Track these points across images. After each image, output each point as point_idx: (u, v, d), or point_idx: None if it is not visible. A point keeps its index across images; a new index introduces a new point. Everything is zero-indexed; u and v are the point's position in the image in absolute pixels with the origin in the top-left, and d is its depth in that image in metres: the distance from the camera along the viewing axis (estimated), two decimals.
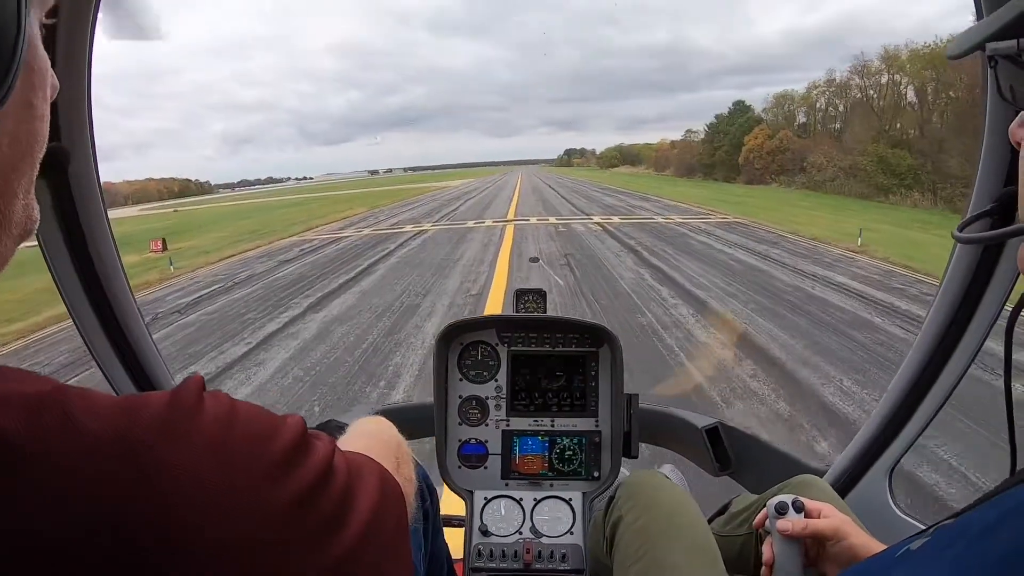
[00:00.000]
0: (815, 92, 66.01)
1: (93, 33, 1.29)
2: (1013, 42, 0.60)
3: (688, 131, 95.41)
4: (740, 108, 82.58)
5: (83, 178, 1.42)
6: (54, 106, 1.26)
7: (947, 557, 0.54)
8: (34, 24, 0.53)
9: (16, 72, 0.49)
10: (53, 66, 1.21)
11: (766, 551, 1.19)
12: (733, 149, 72.36)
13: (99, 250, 1.51)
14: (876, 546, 1.11)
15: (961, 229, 0.77)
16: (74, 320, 1.58)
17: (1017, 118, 0.65)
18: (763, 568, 1.19)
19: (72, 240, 1.46)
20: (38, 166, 0.56)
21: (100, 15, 1.30)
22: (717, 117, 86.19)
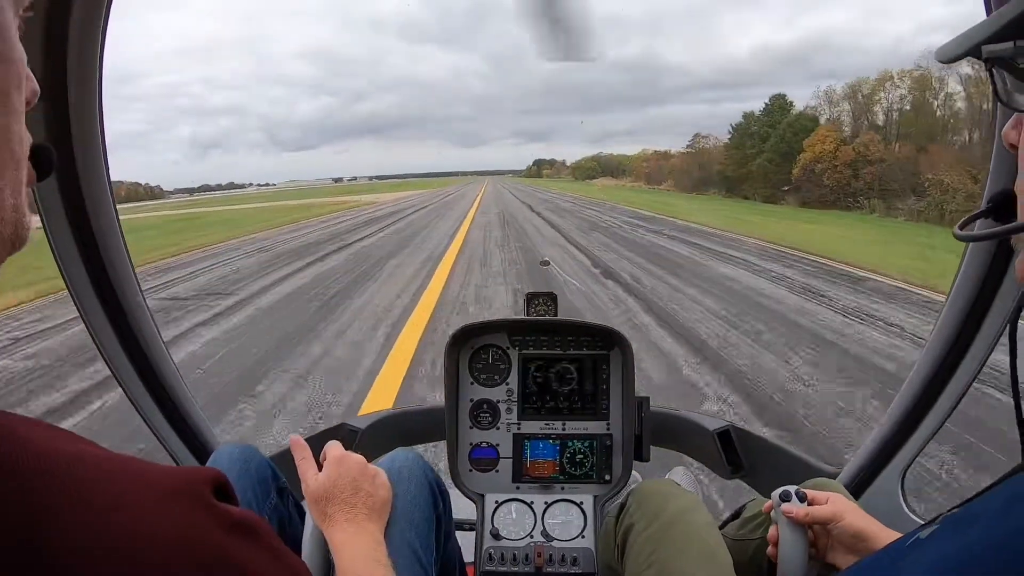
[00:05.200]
0: (889, 83, 46.22)
1: (104, 36, 1.26)
2: (1009, 44, 0.58)
3: (697, 135, 73.94)
4: (780, 105, 57.42)
5: (94, 180, 1.37)
6: (64, 108, 1.24)
7: (955, 543, 0.53)
8: (8, 13, 0.49)
9: None
10: (64, 70, 1.20)
11: (771, 534, 1.21)
12: (780, 158, 51.55)
13: (110, 251, 1.46)
14: (874, 525, 1.13)
15: (961, 228, 0.75)
16: (85, 322, 1.51)
17: (1010, 121, 0.64)
18: (769, 547, 1.22)
19: (82, 236, 1.41)
20: (24, 169, 0.52)
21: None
22: (746, 116, 61.85)
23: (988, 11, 1.04)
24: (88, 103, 1.29)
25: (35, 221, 1.30)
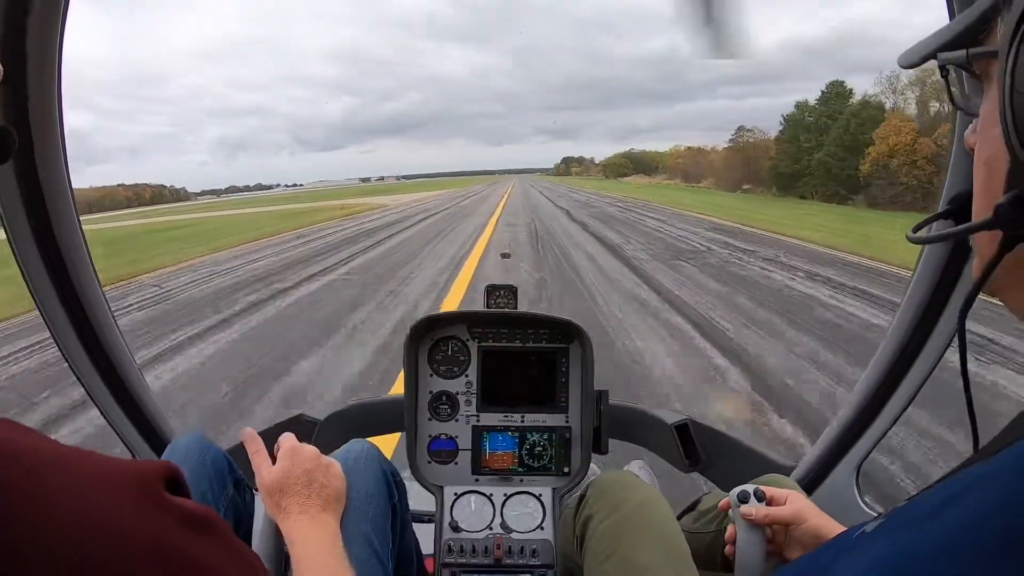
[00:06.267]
0: None
1: (64, 23, 1.22)
2: (962, 52, 0.60)
3: (741, 128, 67.47)
4: (838, 92, 51.62)
5: (51, 167, 1.34)
6: (23, 95, 1.20)
7: (894, 542, 0.53)
8: None
9: None
10: (24, 58, 1.16)
11: (729, 534, 1.21)
12: (845, 152, 44.54)
13: (66, 241, 1.43)
14: (837, 527, 1.13)
15: (916, 231, 0.77)
16: (41, 312, 1.49)
17: (970, 126, 0.65)
18: (727, 546, 1.22)
19: (39, 225, 1.38)
20: None
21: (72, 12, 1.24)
22: (799, 106, 54.59)
23: (951, 17, 1.07)
24: (47, 89, 1.26)
25: None
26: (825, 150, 45.55)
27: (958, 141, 1.20)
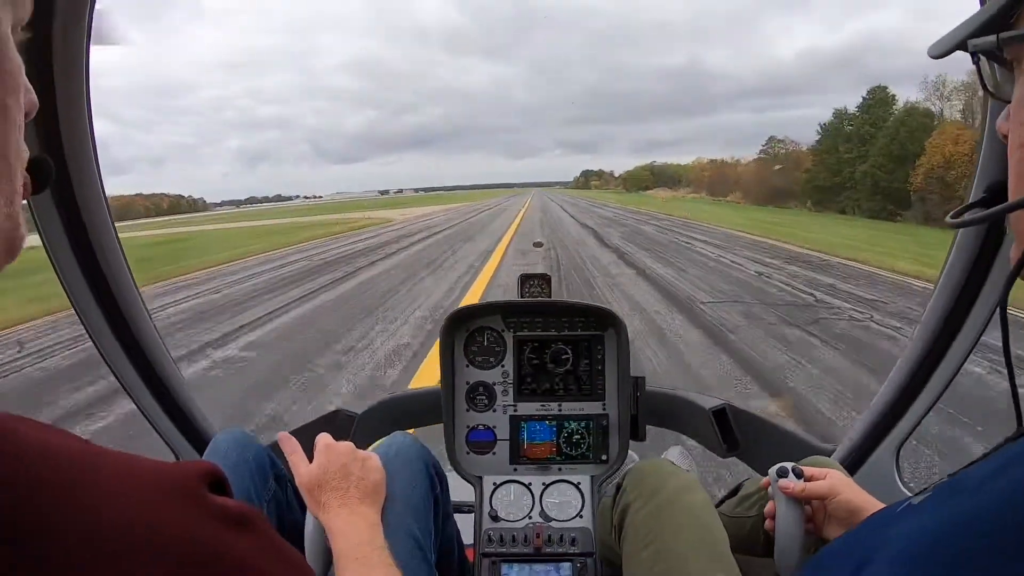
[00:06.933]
0: None
1: (89, 44, 1.23)
2: (993, 37, 0.60)
3: (772, 139, 64.20)
4: (881, 99, 47.84)
5: (88, 190, 1.36)
6: (54, 119, 1.22)
7: (944, 511, 0.54)
8: (3, 24, 0.48)
9: None
10: (51, 80, 1.18)
11: (768, 509, 1.22)
12: (894, 163, 40.37)
13: (106, 255, 1.44)
14: (871, 500, 1.13)
15: (954, 217, 0.76)
16: (85, 326, 1.49)
17: (1002, 113, 0.65)
18: (766, 521, 1.23)
19: (79, 245, 1.40)
20: (19, 179, 0.52)
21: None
22: (837, 114, 51.05)
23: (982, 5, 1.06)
24: (77, 113, 1.27)
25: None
26: (871, 161, 41.87)
27: (989, 130, 1.20)
